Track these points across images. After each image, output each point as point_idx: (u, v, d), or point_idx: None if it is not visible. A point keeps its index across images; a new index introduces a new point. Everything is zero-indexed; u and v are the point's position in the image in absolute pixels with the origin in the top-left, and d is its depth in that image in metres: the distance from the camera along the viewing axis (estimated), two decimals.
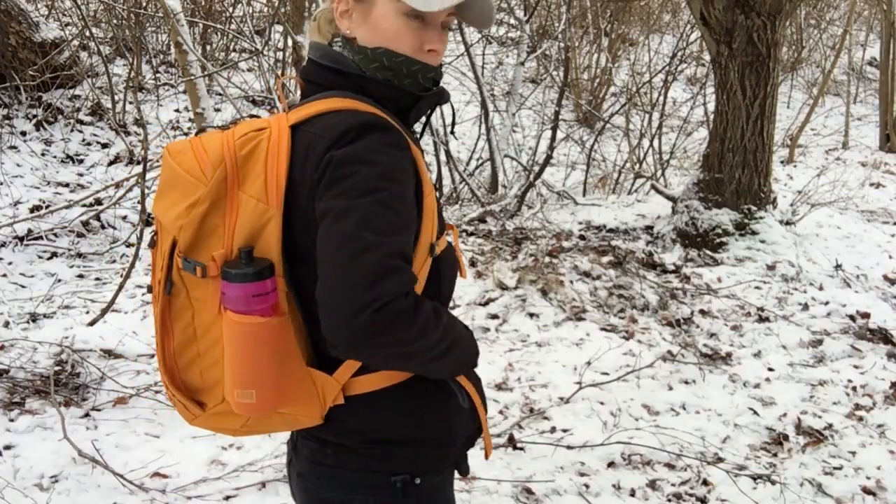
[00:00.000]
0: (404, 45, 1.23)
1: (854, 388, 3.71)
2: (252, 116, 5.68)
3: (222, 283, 1.14)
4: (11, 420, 3.08)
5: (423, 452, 1.28)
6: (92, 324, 3.78)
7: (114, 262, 4.75)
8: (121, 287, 3.95)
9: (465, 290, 4.48)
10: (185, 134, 6.59)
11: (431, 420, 1.28)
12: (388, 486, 1.27)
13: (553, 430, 3.28)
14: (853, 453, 3.21)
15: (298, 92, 1.34)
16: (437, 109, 6.30)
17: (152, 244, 1.25)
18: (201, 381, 1.23)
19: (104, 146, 6.16)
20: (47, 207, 5.07)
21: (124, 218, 5.18)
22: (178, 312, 1.21)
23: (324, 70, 1.25)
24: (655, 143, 7.04)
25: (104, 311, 3.85)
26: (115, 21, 7.26)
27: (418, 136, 1.37)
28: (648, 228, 5.69)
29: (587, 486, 2.91)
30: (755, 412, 3.48)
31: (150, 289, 1.26)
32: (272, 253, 1.14)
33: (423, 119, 1.33)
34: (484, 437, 1.38)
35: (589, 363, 3.81)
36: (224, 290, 1.14)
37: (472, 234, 5.38)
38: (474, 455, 3.03)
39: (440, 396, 1.28)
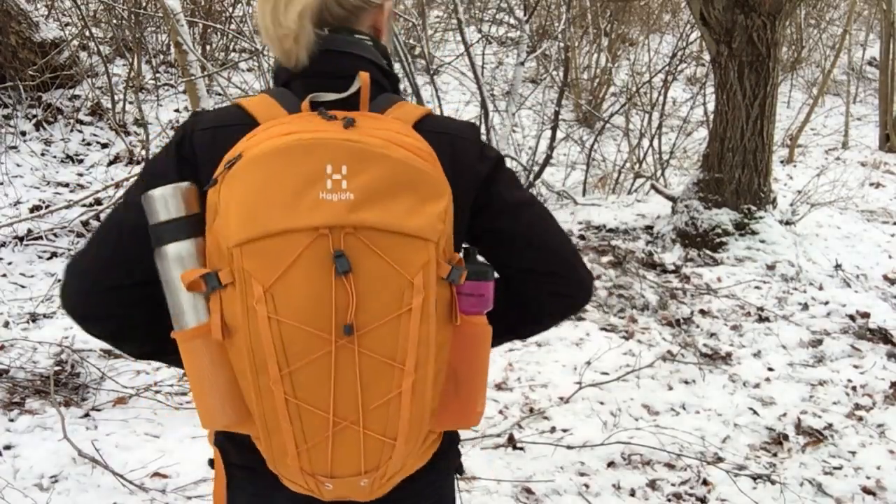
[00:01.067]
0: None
1: (854, 388, 3.72)
2: None
3: (473, 284, 1.07)
4: (11, 420, 3.08)
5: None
6: None
7: None
8: None
9: None
10: None
11: None
12: (452, 481, 1.26)
13: (553, 429, 3.28)
14: (853, 453, 3.21)
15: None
16: (438, 108, 6.31)
17: (348, 268, 0.96)
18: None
19: (104, 146, 6.16)
20: (47, 207, 5.07)
21: None
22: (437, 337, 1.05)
23: (380, 71, 1.16)
24: (655, 142, 7.04)
25: None
26: (114, 21, 7.26)
27: None
28: (648, 228, 5.69)
29: (587, 485, 2.91)
30: (755, 412, 3.48)
31: (346, 330, 0.98)
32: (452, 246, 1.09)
33: None
34: None
35: (589, 363, 3.81)
36: (480, 291, 1.08)
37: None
38: (475, 455, 3.04)
39: None
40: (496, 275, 1.13)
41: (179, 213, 1.04)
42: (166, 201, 1.04)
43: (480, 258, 1.13)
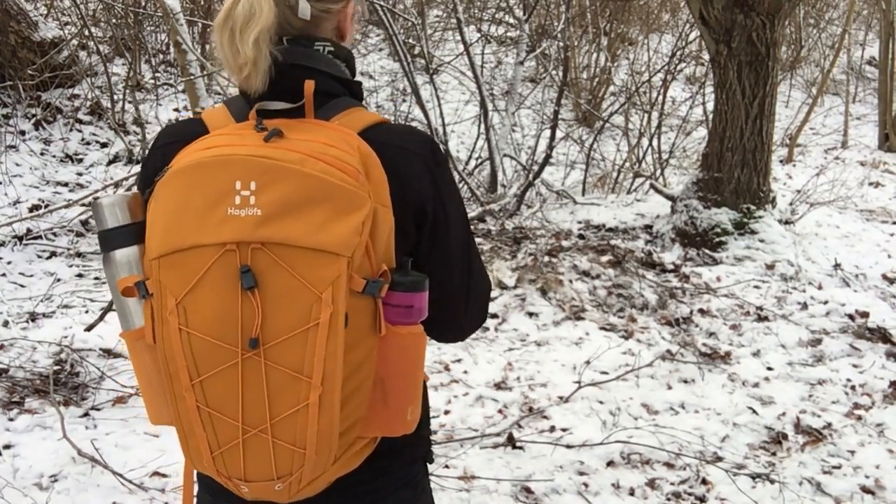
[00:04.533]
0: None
1: (853, 388, 3.72)
2: None
3: (399, 295, 1.07)
4: (11, 419, 3.08)
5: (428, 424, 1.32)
6: (89, 329, 3.78)
7: None
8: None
9: None
10: None
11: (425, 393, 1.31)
12: (423, 468, 1.28)
13: (552, 429, 3.28)
14: (852, 452, 3.22)
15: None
16: (438, 107, 6.32)
17: (253, 283, 0.98)
18: (344, 423, 1.07)
19: (103, 145, 6.16)
20: (46, 207, 5.07)
21: None
22: (346, 350, 1.04)
23: (334, 80, 1.17)
24: (655, 142, 7.04)
25: (102, 316, 3.85)
26: (114, 20, 7.26)
27: None
28: (647, 228, 5.69)
29: (586, 485, 2.91)
30: (754, 411, 3.49)
31: (252, 343, 1.00)
32: (392, 258, 1.10)
33: None
34: None
35: (588, 362, 3.81)
36: (407, 302, 1.08)
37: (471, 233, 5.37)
38: (474, 454, 3.04)
39: None
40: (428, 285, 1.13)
41: (125, 220, 1.11)
42: (114, 208, 1.11)
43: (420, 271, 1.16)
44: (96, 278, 4.52)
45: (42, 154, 5.81)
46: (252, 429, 1.02)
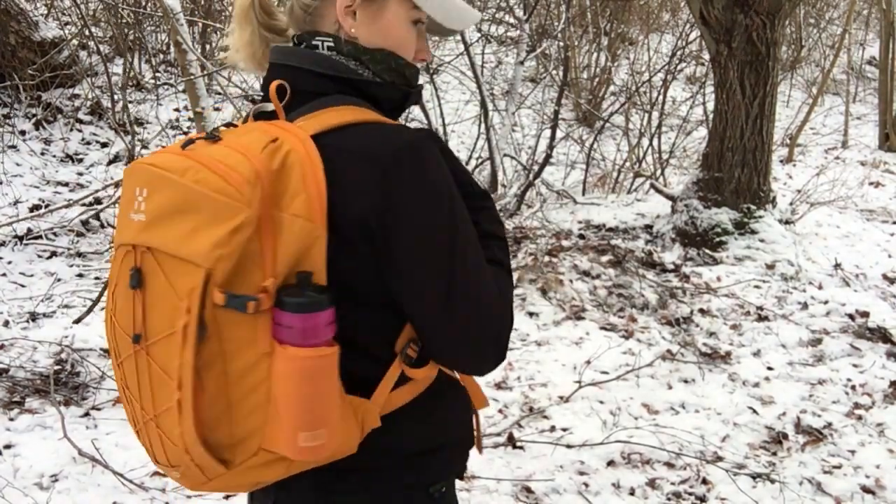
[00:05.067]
0: (408, 51, 1.21)
1: (853, 387, 3.72)
2: None
3: (287, 315, 1.02)
4: (11, 419, 3.08)
5: (454, 455, 1.26)
6: (77, 321, 3.80)
7: None
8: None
9: None
10: (185, 133, 6.58)
11: (455, 421, 1.25)
12: (425, 498, 1.22)
13: (553, 429, 3.28)
14: (852, 452, 3.22)
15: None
16: (438, 107, 6.31)
17: (137, 284, 1.05)
18: (229, 437, 1.06)
19: (103, 145, 6.16)
20: (47, 207, 5.07)
21: None
22: (208, 362, 1.02)
23: (320, 78, 1.16)
24: (655, 142, 7.04)
25: (90, 309, 3.87)
26: (114, 20, 7.26)
27: None
28: (648, 227, 5.69)
29: (587, 484, 2.91)
30: (754, 411, 3.49)
31: (135, 338, 1.06)
32: (320, 275, 1.04)
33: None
34: (476, 431, 1.33)
35: (588, 362, 3.81)
36: (291, 323, 1.02)
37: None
38: (474, 454, 3.04)
39: (452, 392, 1.25)
40: (326, 306, 1.04)
41: None
42: None
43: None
44: (97, 278, 4.52)
45: (42, 154, 5.81)
46: (147, 415, 1.09)
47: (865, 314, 4.36)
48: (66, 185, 5.55)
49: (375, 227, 1.06)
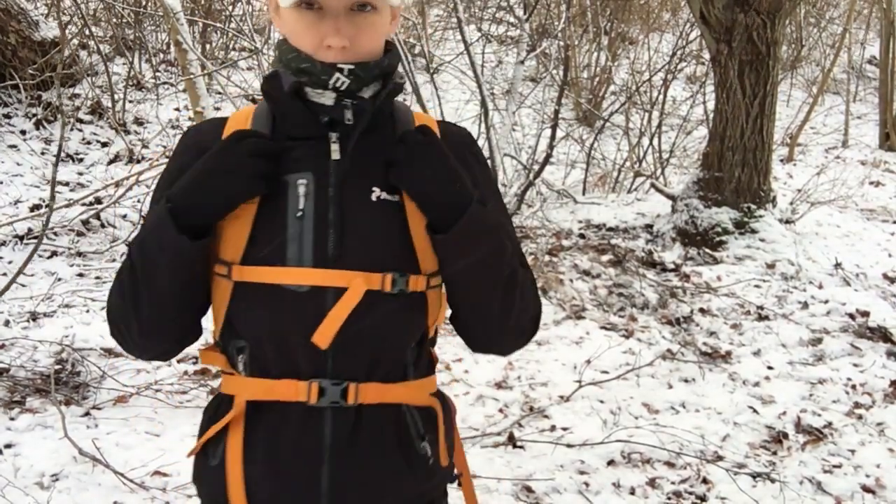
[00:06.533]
0: (305, 41, 1.09)
1: (853, 387, 3.72)
2: None
3: None
4: (12, 419, 3.08)
5: None
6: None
7: (113, 260, 4.75)
8: None
9: None
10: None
11: None
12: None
13: (553, 428, 3.28)
14: (853, 451, 3.22)
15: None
16: (438, 107, 6.31)
17: None
18: None
19: (104, 145, 6.16)
20: (47, 206, 5.07)
21: (124, 217, 5.18)
22: None
23: None
24: (655, 141, 7.04)
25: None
26: (114, 20, 7.26)
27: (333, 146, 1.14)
28: (648, 227, 5.69)
29: (587, 484, 2.91)
30: (755, 410, 3.49)
31: None
32: None
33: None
34: None
35: (589, 362, 3.81)
36: None
37: None
38: (474, 453, 3.04)
39: None
40: None
41: None
42: None
43: None
44: (97, 278, 4.52)
45: (42, 153, 5.81)
46: None
47: (866, 314, 4.36)
48: (67, 184, 5.54)
49: None
